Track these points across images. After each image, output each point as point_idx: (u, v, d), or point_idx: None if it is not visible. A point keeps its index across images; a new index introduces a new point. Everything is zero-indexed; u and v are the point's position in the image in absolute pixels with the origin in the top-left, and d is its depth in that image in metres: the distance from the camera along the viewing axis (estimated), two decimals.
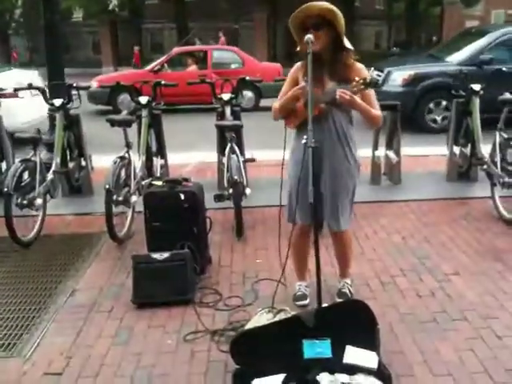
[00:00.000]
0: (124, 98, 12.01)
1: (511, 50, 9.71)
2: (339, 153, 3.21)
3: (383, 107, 5.87)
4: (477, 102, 5.55)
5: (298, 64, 3.29)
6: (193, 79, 6.30)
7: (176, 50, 14.31)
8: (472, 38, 10.31)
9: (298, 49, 3.13)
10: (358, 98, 3.00)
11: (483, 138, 5.41)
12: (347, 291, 3.50)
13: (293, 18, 3.02)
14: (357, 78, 2.94)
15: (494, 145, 5.05)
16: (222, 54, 13.93)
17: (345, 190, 3.27)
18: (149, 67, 13.19)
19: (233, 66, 13.25)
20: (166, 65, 13.25)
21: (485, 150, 5.31)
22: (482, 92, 5.55)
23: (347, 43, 3.08)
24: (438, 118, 9.40)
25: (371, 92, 3.14)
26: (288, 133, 3.32)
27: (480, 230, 4.64)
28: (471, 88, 5.58)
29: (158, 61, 13.42)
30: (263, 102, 12.88)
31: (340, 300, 3.42)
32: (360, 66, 3.17)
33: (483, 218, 4.92)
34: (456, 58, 9.66)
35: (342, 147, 3.21)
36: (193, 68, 13.19)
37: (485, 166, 5.20)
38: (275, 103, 3.31)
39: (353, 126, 3.26)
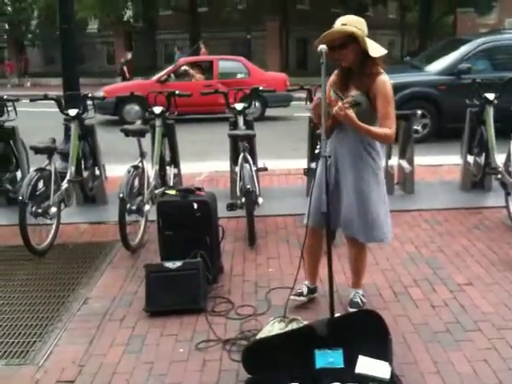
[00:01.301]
0: (131, 108, 12.08)
1: (490, 59, 9.69)
2: (359, 162, 3.19)
3: (395, 117, 5.95)
4: (491, 111, 5.52)
5: (335, 71, 3.29)
6: (199, 89, 6.30)
7: (182, 60, 14.36)
8: (452, 47, 10.25)
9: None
10: (354, 117, 2.93)
11: (497, 147, 5.38)
12: (359, 301, 3.48)
13: (317, 44, 3.00)
14: (351, 94, 2.94)
15: (509, 154, 5.02)
16: (228, 63, 13.92)
17: (366, 199, 3.22)
18: (155, 77, 13.20)
19: (239, 76, 13.24)
20: (181, 71, 13.29)
21: (499, 159, 5.28)
22: (496, 101, 5.53)
23: (375, 52, 3.04)
24: (417, 128, 9.35)
25: (388, 106, 3.07)
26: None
27: (494, 239, 4.60)
28: (485, 97, 5.56)
29: (165, 71, 13.44)
30: (268, 112, 12.89)
31: (352, 310, 3.40)
32: (383, 79, 3.08)
33: (497, 227, 4.89)
34: (435, 68, 9.63)
35: (361, 155, 3.19)
36: (199, 77, 13.24)
37: (499, 176, 5.17)
38: None
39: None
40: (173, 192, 4.14)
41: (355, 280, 3.57)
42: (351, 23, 3.03)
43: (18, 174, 5.87)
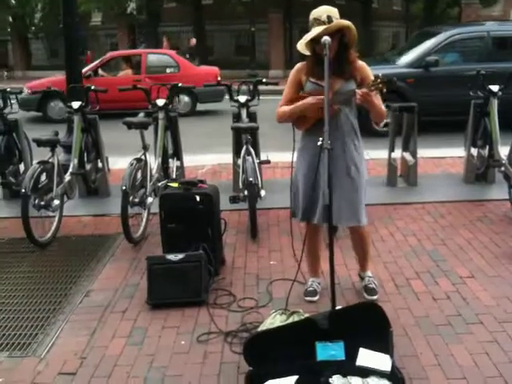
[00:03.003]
0: (55, 104, 11.59)
1: (460, 51, 9.61)
2: (351, 148, 3.28)
3: (400, 109, 5.93)
4: (495, 103, 5.50)
5: (299, 65, 3.35)
6: (126, 84, 6.12)
7: (110, 53, 13.81)
8: (423, 39, 10.12)
9: (300, 48, 3.16)
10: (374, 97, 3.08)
11: (501, 139, 5.36)
12: (374, 286, 3.53)
13: (312, 38, 3.06)
14: (372, 78, 3.02)
15: None
16: (157, 57, 13.28)
17: (361, 185, 3.31)
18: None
19: (168, 71, 12.69)
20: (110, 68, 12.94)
21: (503, 151, 5.26)
22: (500, 93, 5.50)
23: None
24: (386, 121, 9.23)
25: None
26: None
27: (497, 232, 4.58)
28: (489, 89, 5.53)
29: (91, 65, 12.80)
30: (199, 107, 12.46)
31: (370, 297, 3.46)
32: (362, 63, 3.24)
33: (500, 220, 4.87)
34: (404, 61, 9.49)
35: (353, 143, 3.29)
36: (127, 72, 12.73)
37: (502, 168, 5.14)
38: (281, 108, 3.32)
39: (356, 119, 3.33)
40: (175, 185, 4.13)
41: (363, 263, 3.62)
42: (334, 15, 3.10)
43: (21, 167, 5.89)
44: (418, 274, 3.88)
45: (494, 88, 5.50)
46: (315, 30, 3.03)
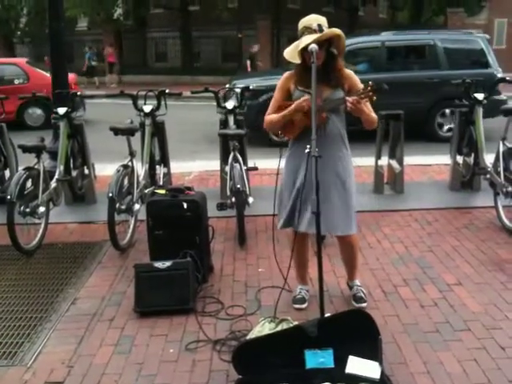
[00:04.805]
0: None
1: (354, 61, 9.51)
2: (340, 156, 3.29)
3: (387, 117, 5.96)
4: (480, 111, 5.55)
5: (287, 74, 3.36)
6: None
7: None
8: None
9: (288, 57, 3.17)
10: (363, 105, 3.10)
11: (486, 147, 5.41)
12: (363, 295, 3.53)
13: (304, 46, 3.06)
14: (362, 86, 3.05)
15: (498, 154, 5.04)
16: (3, 68, 12.67)
17: (349, 192, 3.31)
18: None
19: (16, 82, 12.16)
20: None
21: (488, 159, 5.30)
22: (485, 101, 5.55)
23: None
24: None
25: None
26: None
27: (483, 239, 4.62)
28: (474, 97, 5.58)
29: None
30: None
31: (358, 305, 3.46)
32: (349, 71, 3.27)
33: (486, 227, 4.90)
34: None
35: (341, 150, 3.30)
36: None
37: (488, 176, 5.19)
38: (269, 116, 3.33)
39: (345, 127, 3.34)
40: (162, 191, 4.11)
41: (352, 272, 3.62)
42: (324, 23, 3.13)
43: (7, 173, 5.83)
44: (405, 281, 3.89)
45: (479, 96, 5.55)
46: (307, 38, 3.03)
